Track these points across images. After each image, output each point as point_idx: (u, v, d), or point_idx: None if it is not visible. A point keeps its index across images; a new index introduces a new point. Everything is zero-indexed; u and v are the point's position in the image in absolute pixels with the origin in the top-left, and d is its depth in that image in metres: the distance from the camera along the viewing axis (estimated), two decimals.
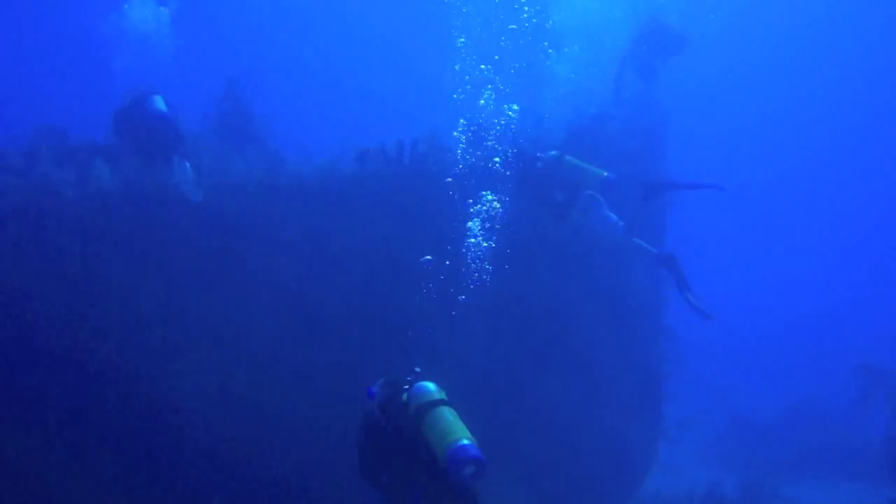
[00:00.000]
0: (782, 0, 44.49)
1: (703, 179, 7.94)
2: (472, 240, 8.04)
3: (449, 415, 4.18)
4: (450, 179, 8.43)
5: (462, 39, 9.45)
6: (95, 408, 7.35)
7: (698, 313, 7.98)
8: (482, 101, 8.84)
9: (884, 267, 48.33)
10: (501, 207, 8.17)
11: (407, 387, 4.53)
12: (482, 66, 9.27)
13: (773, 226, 54.19)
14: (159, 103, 8.25)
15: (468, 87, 9.21)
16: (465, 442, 3.98)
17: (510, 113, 8.61)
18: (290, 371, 7.95)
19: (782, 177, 53.77)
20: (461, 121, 9.08)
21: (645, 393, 11.69)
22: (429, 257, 8.33)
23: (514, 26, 9.77)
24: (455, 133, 9.09)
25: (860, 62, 49.42)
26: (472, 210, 8.12)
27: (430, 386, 4.46)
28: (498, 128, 8.53)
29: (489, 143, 8.44)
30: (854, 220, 53.68)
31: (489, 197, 8.14)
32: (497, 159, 8.37)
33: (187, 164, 8.12)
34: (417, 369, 4.68)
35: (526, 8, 9.89)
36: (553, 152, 8.58)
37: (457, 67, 9.24)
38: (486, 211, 8.10)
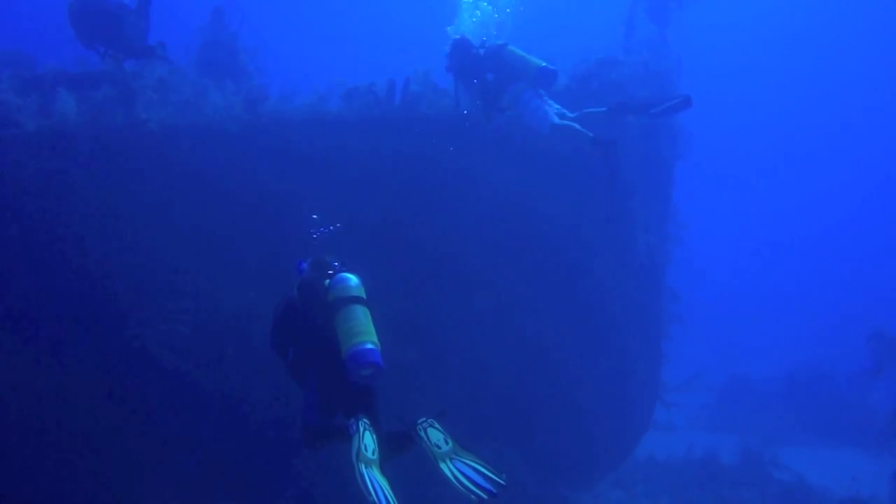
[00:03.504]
0: None
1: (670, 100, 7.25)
2: None
3: (362, 315, 4.22)
4: None
5: None
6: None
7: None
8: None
9: None
10: None
11: (331, 272, 4.50)
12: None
13: (789, 184, 52.74)
14: None
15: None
16: (370, 346, 4.07)
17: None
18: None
19: (802, 127, 51.79)
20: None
21: (645, 352, 11.28)
22: None
23: None
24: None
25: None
26: None
27: (353, 280, 4.40)
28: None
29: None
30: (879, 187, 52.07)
31: None
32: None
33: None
34: (337, 263, 4.62)
35: None
36: (498, 41, 8.08)
37: None
38: None
